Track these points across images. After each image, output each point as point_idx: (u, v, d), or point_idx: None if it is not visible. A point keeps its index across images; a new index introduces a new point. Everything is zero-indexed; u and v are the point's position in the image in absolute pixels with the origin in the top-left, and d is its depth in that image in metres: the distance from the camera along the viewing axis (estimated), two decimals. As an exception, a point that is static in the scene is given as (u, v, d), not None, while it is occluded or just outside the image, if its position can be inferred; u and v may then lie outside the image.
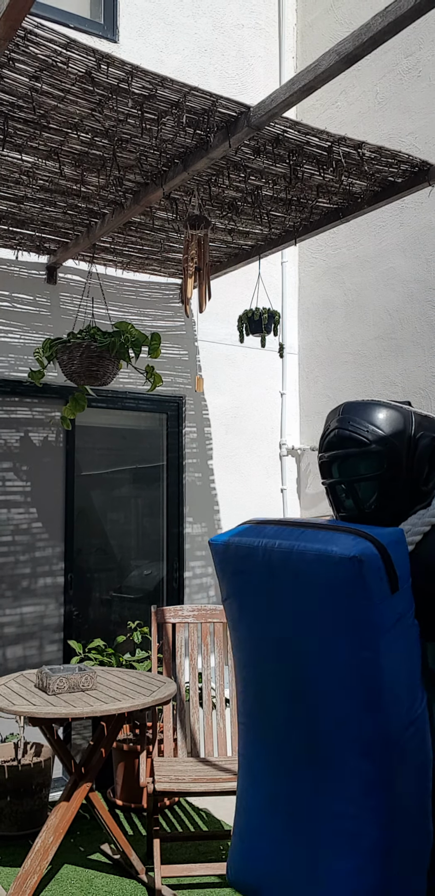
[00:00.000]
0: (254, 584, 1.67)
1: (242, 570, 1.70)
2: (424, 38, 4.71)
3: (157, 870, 3.34)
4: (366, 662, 1.46)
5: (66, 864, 3.66)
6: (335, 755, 1.52)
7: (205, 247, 3.73)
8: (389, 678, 1.47)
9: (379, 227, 5.02)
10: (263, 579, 1.64)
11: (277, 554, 1.60)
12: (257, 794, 1.71)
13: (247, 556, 1.68)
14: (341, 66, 2.68)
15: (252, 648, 1.71)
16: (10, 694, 3.38)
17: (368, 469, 1.74)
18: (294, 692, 1.59)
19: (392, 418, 1.75)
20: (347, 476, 1.76)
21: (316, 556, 1.51)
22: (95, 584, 4.97)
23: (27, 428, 4.71)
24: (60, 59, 2.79)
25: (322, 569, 1.50)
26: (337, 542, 1.51)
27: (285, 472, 5.66)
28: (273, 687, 1.65)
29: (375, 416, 1.75)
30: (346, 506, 1.79)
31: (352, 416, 1.78)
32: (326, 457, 1.82)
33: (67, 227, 4.32)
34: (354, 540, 1.49)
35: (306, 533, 1.59)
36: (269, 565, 1.62)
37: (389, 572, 1.47)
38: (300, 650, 1.57)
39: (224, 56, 5.47)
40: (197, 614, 4.05)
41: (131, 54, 4.96)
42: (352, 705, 1.48)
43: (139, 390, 5.03)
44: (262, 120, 3.04)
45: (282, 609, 1.61)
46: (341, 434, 1.77)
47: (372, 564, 1.45)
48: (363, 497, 1.75)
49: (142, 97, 3.00)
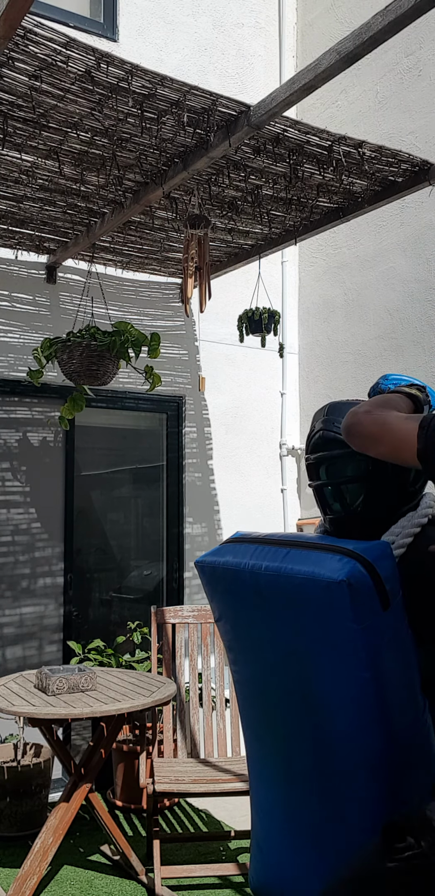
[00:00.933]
0: (244, 605, 1.65)
1: (230, 590, 1.68)
2: (424, 37, 4.70)
3: (156, 871, 3.34)
4: (365, 682, 1.44)
5: (66, 865, 3.65)
6: (341, 770, 1.51)
7: (205, 246, 3.72)
8: (388, 694, 1.46)
9: (379, 226, 5.01)
10: (254, 602, 1.62)
11: (265, 576, 1.57)
12: (271, 807, 1.70)
13: (234, 577, 1.65)
14: (342, 65, 2.67)
15: (250, 668, 1.70)
16: (9, 694, 3.37)
17: (355, 470, 1.71)
18: (296, 710, 1.58)
19: None
20: (334, 478, 1.74)
21: (304, 580, 1.48)
22: (95, 585, 4.96)
23: (26, 428, 4.70)
24: (60, 59, 2.79)
25: (311, 592, 1.47)
26: (324, 563, 1.47)
27: (285, 472, 5.65)
28: (275, 705, 1.64)
29: None
30: (333, 508, 1.76)
31: (336, 416, 1.76)
32: (311, 458, 1.80)
33: (67, 226, 4.31)
34: (341, 561, 1.46)
35: (292, 553, 1.56)
36: (257, 587, 1.59)
37: (379, 590, 1.45)
38: (298, 670, 1.55)
39: (224, 55, 5.46)
40: (197, 615, 4.04)
41: (131, 53, 4.95)
42: (354, 722, 1.47)
43: (139, 390, 5.03)
44: (262, 119, 3.04)
45: (275, 630, 1.59)
46: (326, 436, 1.75)
47: (361, 585, 1.42)
48: (351, 499, 1.72)
49: (142, 96, 3.00)
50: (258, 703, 1.70)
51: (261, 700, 1.69)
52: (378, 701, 1.45)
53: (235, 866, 3.50)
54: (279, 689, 1.61)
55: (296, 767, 1.62)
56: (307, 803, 1.60)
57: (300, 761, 1.60)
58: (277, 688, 1.62)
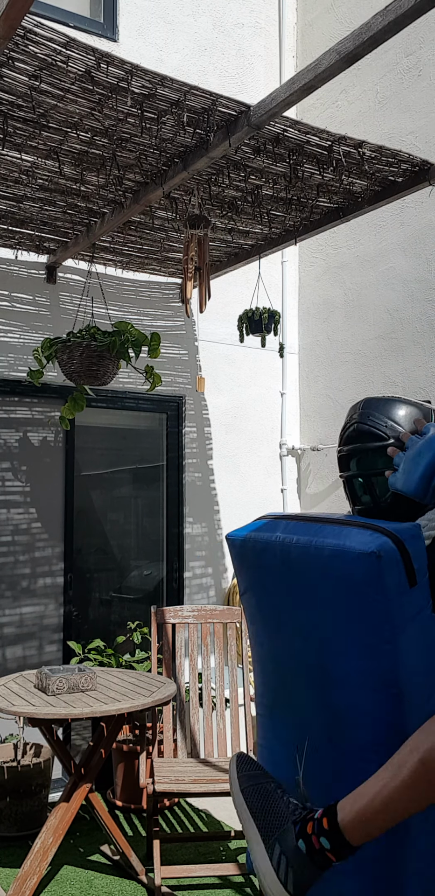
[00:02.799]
0: (272, 577, 1.69)
1: (259, 564, 1.72)
2: (424, 37, 4.70)
3: (156, 871, 3.34)
4: (386, 655, 1.47)
5: (66, 865, 3.65)
6: (357, 744, 1.52)
7: (205, 246, 3.72)
8: (407, 671, 1.48)
9: (379, 226, 5.01)
10: (281, 573, 1.65)
11: (295, 549, 1.61)
12: (284, 784, 1.72)
13: (264, 550, 1.69)
14: (342, 65, 2.67)
15: (271, 641, 1.73)
16: (9, 694, 3.37)
17: (386, 464, 1.75)
18: (316, 683, 1.60)
19: (411, 415, 1.76)
20: (365, 470, 1.78)
21: (333, 551, 1.52)
22: (95, 585, 4.96)
23: (27, 428, 4.70)
24: (60, 59, 2.79)
25: (340, 564, 1.51)
26: (355, 537, 1.51)
27: (285, 472, 5.65)
28: (294, 677, 1.66)
29: (394, 413, 1.77)
30: (362, 500, 1.80)
31: (372, 411, 1.80)
32: (344, 450, 1.84)
33: (67, 226, 4.31)
34: (372, 535, 1.49)
35: (324, 528, 1.59)
36: (286, 560, 1.63)
37: (408, 567, 1.47)
38: (321, 642, 1.58)
39: (224, 55, 5.46)
40: (197, 615, 4.04)
41: (131, 53, 4.95)
42: (374, 696, 1.49)
43: (139, 390, 5.02)
44: (262, 119, 3.04)
45: (301, 602, 1.62)
46: (361, 428, 1.79)
47: (390, 559, 1.46)
48: (380, 492, 1.76)
49: (141, 96, 3.00)
50: (275, 678, 1.73)
51: (278, 674, 1.71)
52: (397, 676, 1.47)
53: (235, 866, 3.50)
54: (298, 662, 1.64)
55: (310, 743, 1.63)
56: (316, 783, 1.60)
57: (315, 736, 1.62)
58: (297, 661, 1.64)
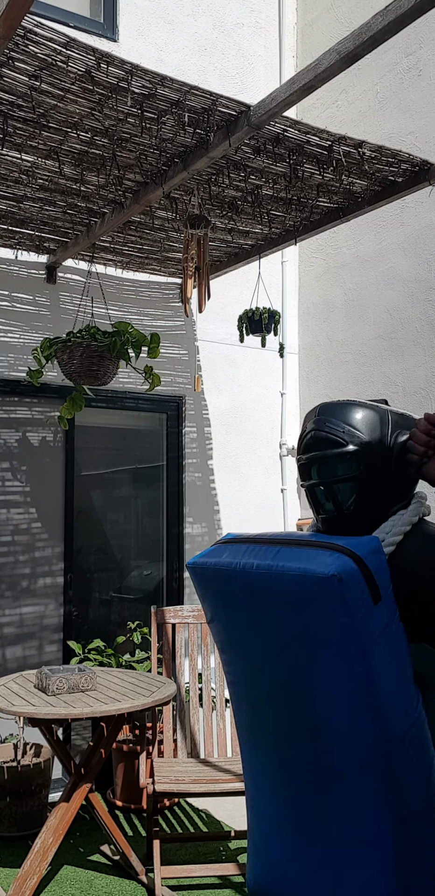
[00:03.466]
0: (236, 604, 1.65)
1: (222, 591, 1.68)
2: (424, 37, 4.70)
3: (156, 871, 3.34)
4: (359, 676, 1.45)
5: (66, 865, 3.65)
6: (338, 767, 1.52)
7: (204, 246, 3.72)
8: (384, 687, 1.47)
9: (379, 226, 5.01)
10: (245, 600, 1.62)
11: (256, 575, 1.58)
12: (268, 806, 1.70)
13: (226, 577, 1.66)
14: (342, 65, 2.67)
15: (243, 667, 1.70)
16: (9, 694, 3.37)
17: (346, 470, 1.72)
18: (291, 708, 1.58)
19: (368, 418, 1.73)
20: (326, 478, 1.75)
21: (295, 576, 1.49)
22: (95, 585, 4.96)
23: (26, 428, 4.70)
24: (60, 59, 2.79)
25: (303, 589, 1.48)
26: (315, 559, 1.49)
27: (285, 472, 5.65)
28: (269, 704, 1.64)
29: (351, 417, 1.74)
30: (325, 508, 1.77)
31: (328, 416, 1.76)
32: (303, 458, 1.81)
33: (67, 226, 4.31)
34: (331, 556, 1.47)
35: (283, 551, 1.57)
36: (248, 586, 1.60)
37: (370, 584, 1.46)
38: (291, 668, 1.56)
39: (224, 55, 5.46)
40: (197, 615, 4.04)
41: (131, 53, 4.95)
42: (349, 718, 1.48)
43: (139, 390, 5.02)
44: (262, 119, 3.04)
45: (267, 629, 1.59)
46: (318, 435, 1.76)
47: (352, 579, 1.44)
48: (342, 499, 1.73)
49: (142, 96, 3.00)
50: (252, 703, 1.71)
51: (254, 699, 1.69)
52: (372, 694, 1.46)
53: (235, 866, 3.50)
54: (273, 687, 1.62)
55: (292, 766, 1.62)
56: (304, 802, 1.60)
57: (296, 759, 1.61)
58: (271, 686, 1.63)
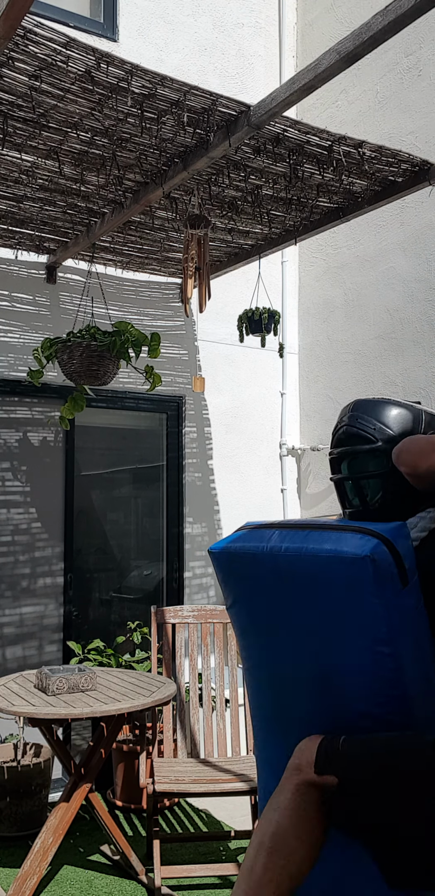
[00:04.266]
0: (261, 588, 1.66)
1: (247, 575, 1.69)
2: (424, 37, 4.70)
3: (156, 870, 3.34)
4: (385, 657, 1.47)
5: (66, 865, 3.65)
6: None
7: (205, 246, 3.72)
8: (408, 668, 1.48)
9: (379, 226, 5.01)
10: (272, 583, 1.63)
11: (285, 557, 1.59)
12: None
13: (251, 561, 1.67)
14: (342, 65, 2.67)
15: (264, 652, 1.71)
16: (9, 694, 3.37)
17: (376, 467, 1.74)
18: (316, 689, 1.60)
19: (401, 417, 1.75)
20: (355, 473, 1.77)
21: (329, 557, 1.51)
22: (95, 585, 4.96)
23: (27, 428, 4.70)
24: (60, 59, 2.79)
25: (335, 569, 1.50)
26: (347, 541, 1.51)
27: (285, 472, 5.65)
28: (290, 688, 1.65)
29: (384, 415, 1.75)
30: (353, 502, 1.79)
31: (361, 413, 1.78)
32: (335, 453, 1.82)
33: (67, 226, 4.31)
34: (363, 539, 1.49)
35: (312, 534, 1.58)
36: (276, 569, 1.61)
37: (399, 567, 1.47)
38: (315, 650, 1.57)
39: (224, 55, 5.46)
40: (197, 614, 4.04)
41: (131, 53, 4.95)
42: (375, 697, 1.49)
43: (139, 390, 5.02)
44: (262, 119, 3.04)
45: (295, 610, 1.61)
46: (350, 431, 1.78)
47: (384, 561, 1.46)
48: (370, 494, 1.75)
49: (142, 96, 3.00)
50: (271, 688, 1.71)
51: (274, 684, 1.70)
52: (395, 676, 1.47)
53: (235, 866, 3.50)
54: (295, 671, 1.63)
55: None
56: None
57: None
58: (293, 670, 1.63)
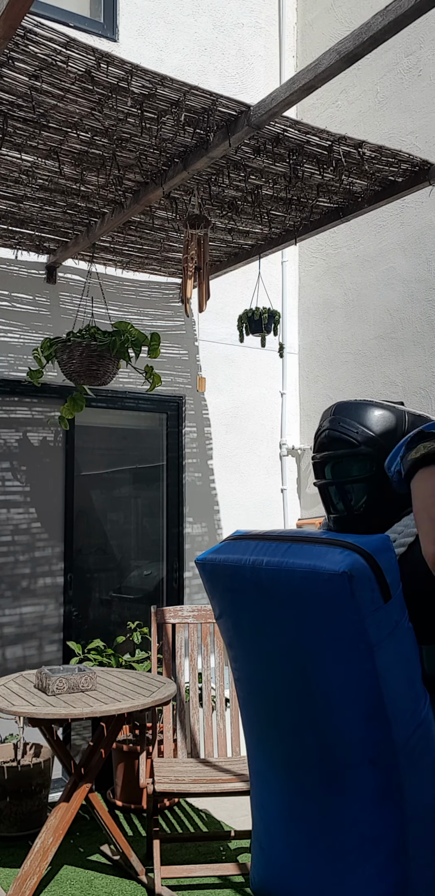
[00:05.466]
0: (245, 601, 1.65)
1: (231, 587, 1.68)
2: (424, 37, 4.70)
3: (156, 871, 3.34)
4: (366, 674, 1.45)
5: (66, 865, 3.65)
6: (345, 765, 1.51)
7: (205, 246, 3.72)
8: (390, 687, 1.46)
9: (379, 226, 5.01)
10: (254, 597, 1.62)
11: (266, 571, 1.57)
12: (273, 804, 1.70)
13: (235, 574, 1.65)
14: (342, 65, 2.67)
15: (251, 664, 1.70)
16: (9, 694, 3.37)
17: (360, 471, 1.71)
18: (298, 705, 1.58)
19: (384, 419, 1.72)
20: (339, 477, 1.74)
21: (305, 573, 1.49)
22: (95, 585, 4.96)
23: (26, 428, 4.70)
24: (60, 59, 2.79)
25: (313, 586, 1.47)
26: (325, 557, 1.48)
27: (285, 472, 5.65)
28: (276, 701, 1.64)
29: (366, 417, 1.72)
30: (337, 507, 1.77)
31: (343, 416, 1.76)
32: (317, 457, 1.80)
33: (67, 226, 4.31)
34: (342, 554, 1.46)
35: (293, 548, 1.56)
36: (258, 583, 1.60)
37: (380, 582, 1.45)
38: (300, 665, 1.56)
39: (224, 55, 5.46)
40: (197, 615, 4.04)
41: (131, 53, 4.95)
42: (356, 717, 1.47)
43: (139, 390, 5.02)
44: (262, 119, 3.04)
45: (276, 625, 1.59)
46: (332, 435, 1.76)
47: (362, 577, 1.43)
48: (355, 499, 1.73)
49: (141, 96, 3.00)
50: (259, 700, 1.70)
51: (262, 696, 1.69)
52: (379, 693, 1.45)
53: (235, 866, 3.50)
54: (281, 684, 1.62)
55: (298, 764, 1.62)
56: (310, 800, 1.60)
57: (302, 757, 1.60)
58: (279, 683, 1.62)
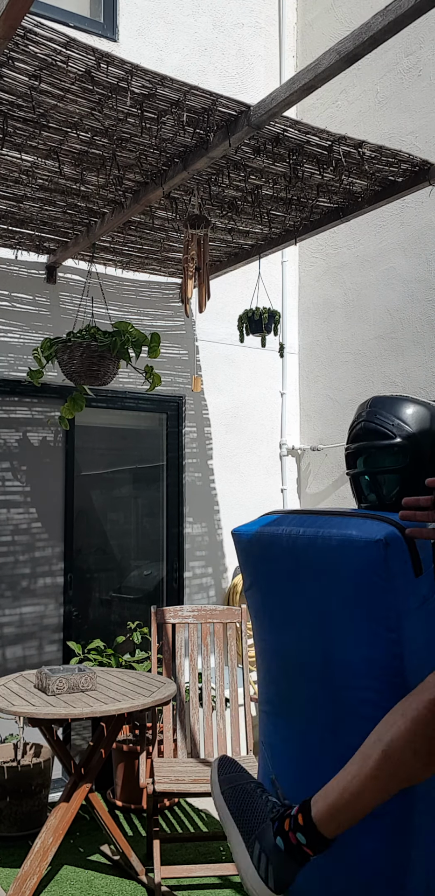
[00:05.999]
0: (278, 570, 1.71)
1: (265, 557, 1.74)
2: (424, 37, 4.70)
3: (156, 870, 3.34)
4: (391, 644, 1.48)
5: (66, 865, 3.65)
6: (360, 737, 1.52)
7: (205, 246, 3.72)
8: (413, 660, 1.49)
9: (379, 226, 5.01)
10: (288, 566, 1.67)
11: (302, 540, 1.63)
12: (286, 780, 1.71)
13: (271, 543, 1.71)
14: (341, 65, 2.67)
15: (276, 635, 1.74)
16: (9, 694, 3.37)
17: (393, 463, 1.76)
18: (320, 675, 1.61)
19: (419, 414, 1.77)
20: (372, 468, 1.80)
21: (341, 540, 1.54)
22: (95, 585, 4.96)
23: (27, 428, 4.70)
24: (60, 59, 2.79)
25: (348, 553, 1.52)
26: (361, 527, 1.54)
27: (285, 472, 5.65)
28: (300, 671, 1.67)
29: (401, 411, 1.78)
30: (368, 498, 1.82)
31: (379, 409, 1.81)
32: (352, 447, 1.85)
33: (67, 226, 4.31)
34: (379, 525, 1.52)
35: (330, 520, 1.62)
36: (293, 552, 1.65)
37: (413, 556, 1.49)
38: (326, 633, 1.59)
39: (224, 55, 5.46)
40: (197, 615, 4.04)
41: (131, 53, 4.95)
42: (378, 687, 1.50)
43: (139, 390, 5.03)
44: (262, 119, 3.04)
45: (307, 594, 1.63)
46: (368, 426, 1.81)
47: (397, 547, 1.47)
48: (386, 490, 1.77)
49: (141, 96, 3.00)
50: (281, 673, 1.74)
51: (284, 670, 1.72)
52: (401, 665, 1.48)
53: (235, 866, 3.50)
54: (306, 655, 1.65)
55: (312, 740, 1.63)
56: (320, 775, 1.60)
57: (320, 730, 1.62)
58: (304, 655, 1.66)
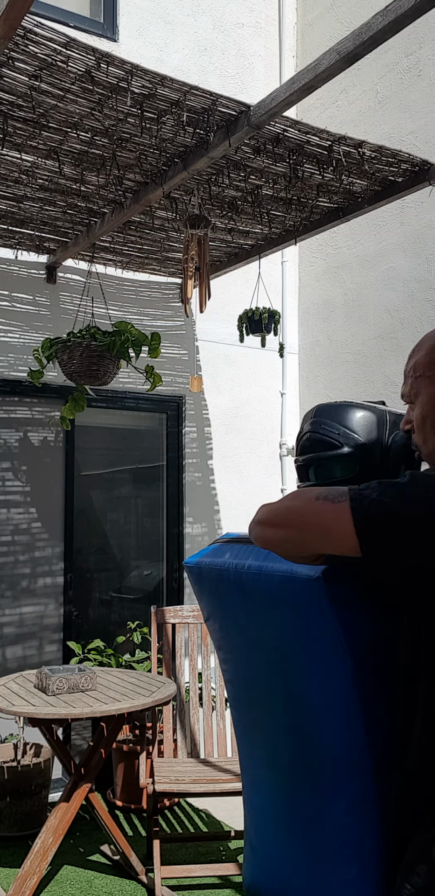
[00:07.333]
0: (230, 603, 1.67)
1: (216, 591, 1.69)
2: (424, 37, 4.70)
3: (156, 871, 3.34)
4: (342, 676, 1.45)
5: (66, 865, 3.65)
6: (327, 768, 1.52)
7: (205, 246, 3.72)
8: (369, 691, 1.46)
9: (379, 226, 5.01)
10: (238, 600, 1.63)
11: (247, 575, 1.59)
12: (261, 804, 1.71)
13: (220, 577, 1.67)
14: (342, 65, 2.67)
15: (237, 667, 1.72)
16: (9, 694, 3.37)
17: (343, 472, 1.72)
18: (281, 708, 1.60)
19: (365, 419, 1.73)
20: (323, 479, 1.75)
21: (283, 577, 1.50)
22: (95, 585, 4.96)
23: (27, 428, 4.70)
24: (60, 58, 2.79)
25: (290, 588, 1.48)
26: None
27: (285, 472, 5.65)
28: (262, 702, 1.66)
29: (346, 418, 1.73)
30: None
31: (323, 418, 1.76)
32: (300, 460, 1.81)
33: (67, 226, 4.31)
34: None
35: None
36: (240, 586, 1.61)
37: (358, 584, 1.44)
38: (281, 668, 1.57)
39: (224, 55, 5.46)
40: (197, 614, 4.04)
41: (131, 53, 4.95)
42: (334, 721, 1.48)
43: (139, 390, 5.02)
44: (262, 119, 3.04)
45: (258, 628, 1.61)
46: (313, 437, 1.77)
47: (338, 580, 1.43)
48: None
49: (141, 96, 3.00)
50: (246, 702, 1.72)
51: (248, 699, 1.70)
52: (357, 696, 1.45)
53: (235, 866, 3.50)
54: (265, 687, 1.63)
55: (282, 766, 1.63)
56: (295, 801, 1.61)
57: (285, 760, 1.61)
58: (263, 685, 1.64)
